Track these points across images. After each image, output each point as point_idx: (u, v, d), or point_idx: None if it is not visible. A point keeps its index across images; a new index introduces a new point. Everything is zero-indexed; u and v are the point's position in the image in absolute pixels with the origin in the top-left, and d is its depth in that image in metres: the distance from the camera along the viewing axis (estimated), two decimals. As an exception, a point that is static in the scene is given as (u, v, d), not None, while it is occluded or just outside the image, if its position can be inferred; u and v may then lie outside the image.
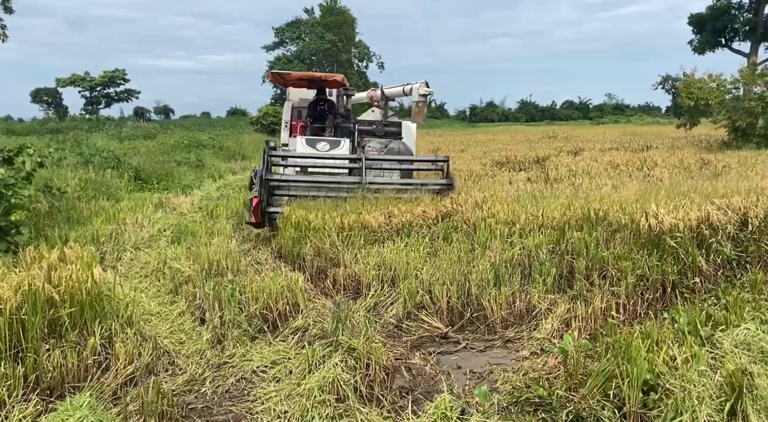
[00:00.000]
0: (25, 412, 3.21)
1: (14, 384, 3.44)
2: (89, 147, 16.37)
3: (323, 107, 10.48)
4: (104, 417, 3.10)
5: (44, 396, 3.53)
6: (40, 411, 3.32)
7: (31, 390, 3.52)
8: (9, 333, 3.64)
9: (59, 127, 34.93)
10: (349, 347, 4.08)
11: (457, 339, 4.93)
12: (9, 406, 3.29)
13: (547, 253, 5.98)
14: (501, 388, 3.92)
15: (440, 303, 5.19)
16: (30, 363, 3.62)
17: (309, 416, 3.44)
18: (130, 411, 3.43)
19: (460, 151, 20.24)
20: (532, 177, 12.20)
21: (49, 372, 3.68)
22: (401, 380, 4.11)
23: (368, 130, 10.11)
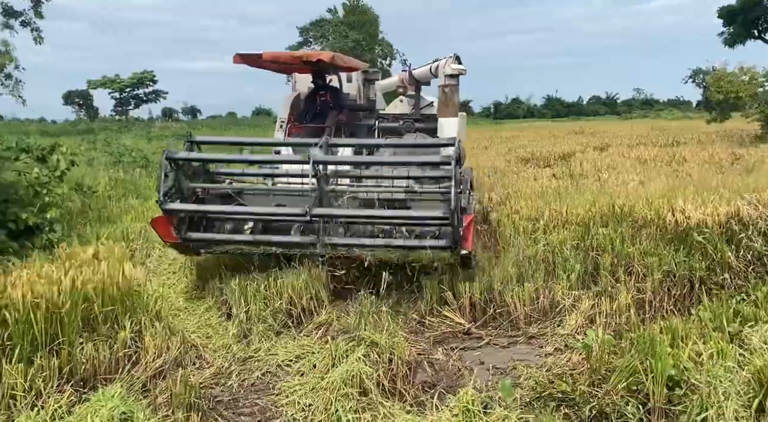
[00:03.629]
0: (60, 402, 3.33)
1: (50, 376, 3.57)
2: (119, 147, 16.75)
3: (324, 98, 7.60)
4: (134, 408, 3.20)
5: (78, 387, 3.65)
6: (74, 402, 3.44)
7: (66, 382, 3.65)
8: (46, 326, 3.78)
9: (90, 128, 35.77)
10: (371, 341, 4.12)
11: (480, 335, 4.94)
12: (45, 396, 3.41)
13: (571, 249, 5.93)
14: (524, 384, 3.93)
15: (463, 300, 5.20)
16: (65, 355, 3.75)
17: (333, 409, 3.49)
18: (159, 402, 3.53)
19: (485, 147, 20.14)
20: (557, 173, 12.07)
21: (83, 364, 3.81)
22: (424, 375, 4.14)
23: (392, 127, 7.65)
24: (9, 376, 3.39)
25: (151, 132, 30.18)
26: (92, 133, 28.38)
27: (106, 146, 16.74)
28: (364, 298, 5.12)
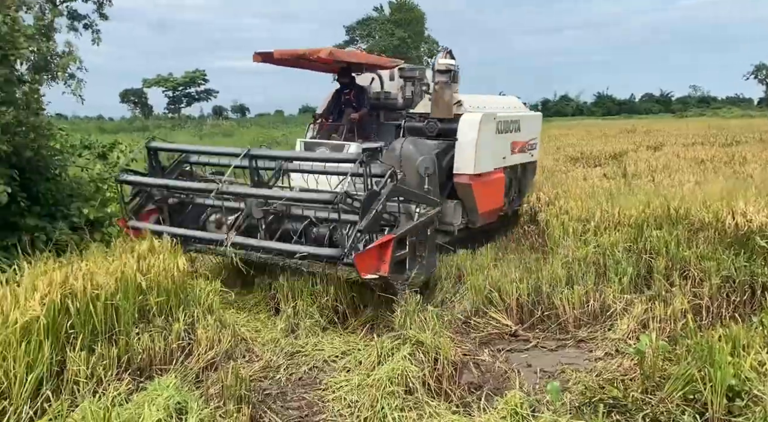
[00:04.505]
0: (119, 389, 3.47)
1: (109, 364, 3.72)
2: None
3: (348, 97, 7.57)
4: (188, 398, 3.30)
5: (135, 376, 3.80)
6: (132, 390, 3.58)
7: (124, 370, 3.80)
8: (105, 316, 3.94)
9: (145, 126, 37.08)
10: (417, 340, 4.13)
11: (527, 338, 4.87)
12: (105, 383, 3.56)
13: (623, 252, 5.78)
14: (573, 388, 3.85)
15: (509, 301, 5.14)
16: (122, 345, 3.91)
17: (378, 406, 3.51)
18: (211, 393, 3.63)
19: (532, 146, 19.77)
20: (608, 173, 11.76)
21: (139, 354, 3.95)
22: (469, 375, 4.12)
23: (417, 127, 7.22)
24: (72, 363, 3.56)
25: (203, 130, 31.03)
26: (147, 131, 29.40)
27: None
28: (409, 297, 5.13)
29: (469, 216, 6.89)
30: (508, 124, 7.45)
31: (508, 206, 7.85)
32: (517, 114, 7.93)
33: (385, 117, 7.93)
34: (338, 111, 7.52)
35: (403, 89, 7.84)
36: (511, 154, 7.61)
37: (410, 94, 7.81)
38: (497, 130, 7.13)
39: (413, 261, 5.08)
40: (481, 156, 6.69)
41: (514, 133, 7.62)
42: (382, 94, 7.89)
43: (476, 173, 6.67)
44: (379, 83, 7.90)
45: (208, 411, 3.23)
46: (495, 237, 7.63)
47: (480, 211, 6.86)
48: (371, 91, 7.90)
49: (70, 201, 5.96)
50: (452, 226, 6.66)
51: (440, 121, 6.96)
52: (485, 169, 6.88)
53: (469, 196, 6.72)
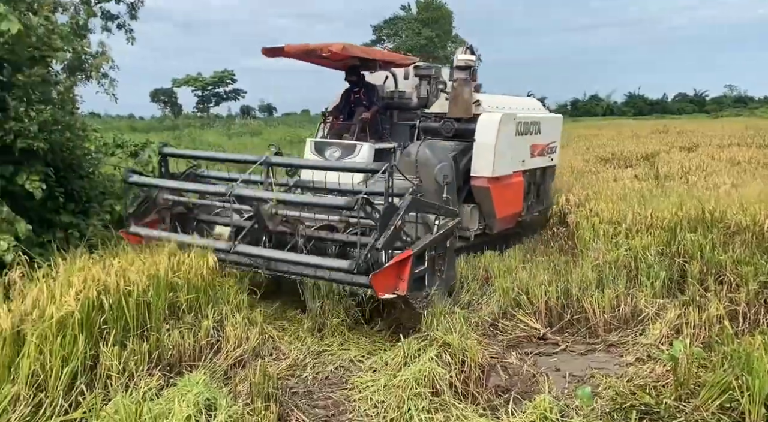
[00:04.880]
0: (150, 385, 3.52)
1: (141, 360, 3.79)
2: (202, 143, 17.54)
3: (358, 95, 7.23)
4: (217, 395, 3.34)
5: (165, 372, 3.85)
6: (163, 385, 3.63)
7: (155, 366, 3.86)
8: (136, 313, 4.01)
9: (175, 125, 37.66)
10: (444, 342, 4.10)
11: (555, 341, 4.80)
12: (137, 378, 3.62)
13: (656, 255, 5.66)
14: (603, 393, 3.78)
15: (538, 303, 5.07)
16: (153, 341, 3.97)
17: (405, 407, 3.50)
18: (240, 391, 3.66)
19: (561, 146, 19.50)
20: (639, 174, 11.54)
21: (169, 350, 4.01)
22: (497, 378, 4.08)
23: (433, 127, 6.90)
24: (105, 358, 3.63)
25: (231, 129, 31.41)
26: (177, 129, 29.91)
27: (190, 142, 17.56)
28: (436, 297, 5.11)
29: (486, 222, 6.67)
30: (528, 126, 7.19)
31: (527, 212, 7.61)
32: (537, 115, 7.66)
33: (399, 117, 7.65)
34: (348, 110, 7.25)
35: (417, 88, 7.56)
36: (531, 157, 7.35)
37: (425, 93, 7.52)
38: (517, 131, 6.86)
39: (433, 276, 4.85)
40: (500, 158, 6.43)
41: (534, 135, 7.36)
42: (396, 93, 7.62)
43: (494, 176, 6.42)
44: (393, 81, 7.62)
45: (237, 408, 3.26)
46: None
47: (498, 215, 6.64)
48: (385, 90, 7.65)
49: (102, 198, 6.08)
50: (468, 232, 6.42)
51: (457, 121, 6.66)
52: (504, 172, 6.62)
53: (486, 200, 6.49)
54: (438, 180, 5.72)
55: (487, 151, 6.37)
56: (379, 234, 4.36)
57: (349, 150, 6.41)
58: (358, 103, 7.17)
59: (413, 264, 4.44)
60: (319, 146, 6.60)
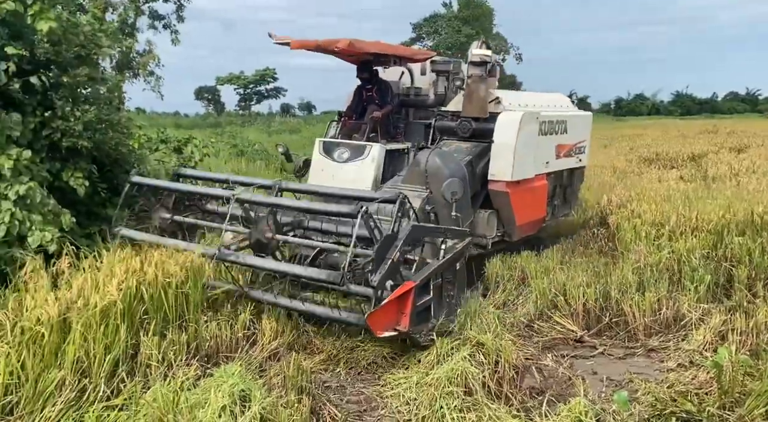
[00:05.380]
0: (188, 374, 3.61)
1: (179, 350, 3.88)
2: (242, 140, 17.87)
3: (370, 93, 6.88)
4: (252, 386, 3.39)
5: (203, 362, 3.94)
6: (200, 375, 3.72)
7: (193, 356, 3.95)
8: (175, 304, 4.12)
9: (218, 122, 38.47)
10: (477, 342, 4.07)
11: (593, 344, 4.70)
12: (175, 368, 3.72)
13: (700, 259, 5.48)
14: (642, 399, 3.68)
15: (575, 305, 4.97)
16: (191, 332, 4.07)
17: (437, 406, 3.48)
18: (274, 383, 3.72)
19: (603, 146, 19.08)
20: (685, 175, 11.20)
21: (207, 341, 4.11)
22: (531, 380, 4.02)
23: (449, 127, 6.44)
24: (146, 347, 3.74)
25: (271, 126, 31.87)
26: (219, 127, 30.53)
27: (231, 139, 17.92)
28: (471, 297, 5.07)
29: (505, 228, 6.20)
30: (552, 125, 6.64)
31: (551, 217, 7.16)
32: (563, 113, 7.12)
33: (415, 115, 7.23)
34: (361, 109, 6.85)
35: (435, 84, 7.04)
36: (556, 158, 6.85)
37: (443, 90, 7.00)
38: (540, 131, 6.37)
39: (440, 305, 4.45)
40: (520, 160, 5.93)
41: (560, 134, 6.82)
42: (412, 89, 7.22)
43: (514, 180, 5.94)
44: (409, 78, 7.20)
45: (270, 400, 3.30)
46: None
47: (518, 222, 6.16)
48: (401, 87, 7.27)
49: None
50: (485, 239, 5.97)
51: (475, 121, 6.19)
52: (525, 175, 6.13)
53: (505, 205, 6.00)
54: (446, 197, 5.22)
55: (507, 152, 5.91)
56: (375, 268, 3.96)
57: (359, 151, 6.06)
58: (370, 101, 6.81)
59: (416, 296, 4.06)
60: (327, 146, 6.29)
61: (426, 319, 4.29)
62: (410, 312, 3.98)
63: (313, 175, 6.25)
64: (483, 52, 6.15)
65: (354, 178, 5.82)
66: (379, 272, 3.95)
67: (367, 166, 5.94)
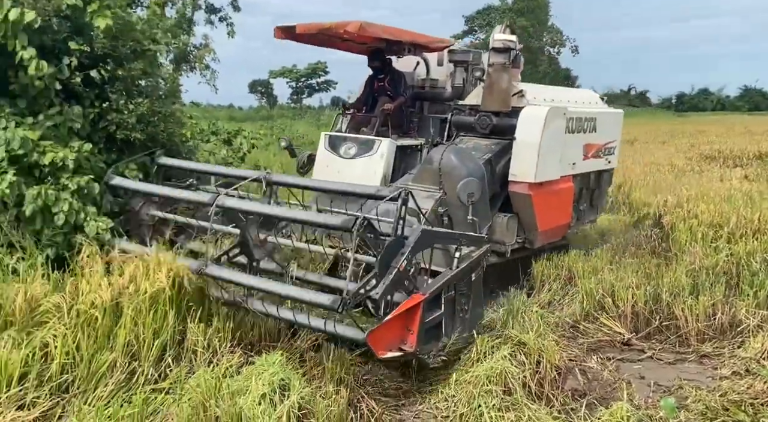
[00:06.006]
0: (231, 361, 3.71)
1: (224, 337, 3.98)
2: (292, 133, 18.15)
3: (381, 84, 6.42)
4: (291, 376, 3.45)
5: (246, 351, 4.02)
6: (243, 363, 3.81)
7: (237, 344, 4.05)
8: (220, 293, 4.23)
9: (270, 115, 39.18)
10: (519, 341, 4.00)
11: (641, 348, 4.55)
12: (219, 355, 3.83)
13: (761, 263, 5.20)
14: (692, 406, 3.54)
15: (624, 307, 4.82)
16: (236, 320, 4.17)
17: (475, 404, 3.45)
18: (313, 373, 3.77)
19: (662, 142, 18.39)
20: (750, 174, 10.65)
21: (251, 330, 4.20)
22: (574, 382, 3.93)
23: (467, 122, 5.95)
24: (192, 334, 3.85)
25: (321, 120, 32.23)
26: (271, 119, 31.11)
27: (281, 132, 18.23)
28: (514, 296, 4.99)
29: (526, 234, 5.69)
30: (581, 122, 6.09)
31: (577, 223, 6.66)
32: (593, 110, 6.53)
33: (430, 109, 6.74)
34: (372, 101, 6.38)
35: (452, 76, 6.49)
36: (584, 159, 6.29)
37: (461, 82, 6.45)
38: (567, 128, 5.80)
39: (453, 320, 3.95)
40: (544, 160, 5.39)
41: (589, 133, 6.28)
42: (428, 81, 6.71)
43: (537, 181, 5.40)
44: (425, 68, 6.69)
45: (309, 390, 3.35)
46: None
47: (540, 228, 5.65)
48: (416, 78, 6.78)
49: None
50: (504, 246, 5.43)
51: (495, 115, 5.65)
52: (549, 177, 5.59)
53: (527, 209, 5.48)
54: (461, 199, 4.77)
55: (530, 151, 5.35)
56: (378, 279, 3.48)
57: (367, 146, 5.64)
58: (381, 93, 6.32)
59: (425, 310, 3.58)
60: (333, 141, 5.90)
61: (436, 337, 3.83)
62: (418, 329, 3.52)
63: (318, 171, 5.89)
64: (507, 37, 5.51)
65: (361, 175, 5.43)
66: (383, 283, 3.46)
67: (375, 162, 5.53)
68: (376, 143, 5.62)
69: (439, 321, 3.81)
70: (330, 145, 5.89)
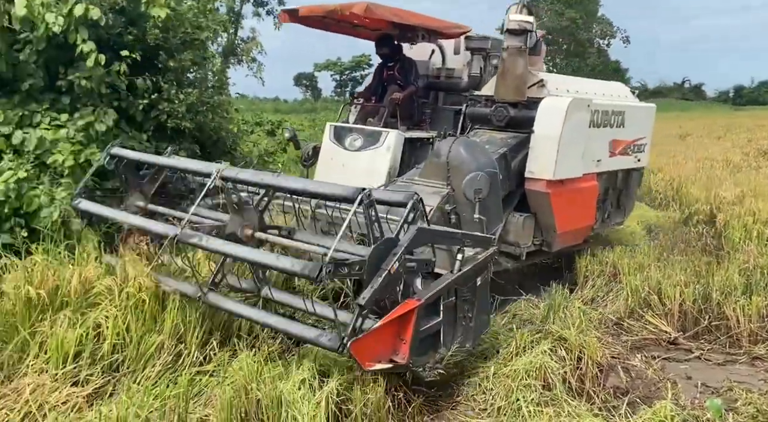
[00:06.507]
0: (272, 347, 3.75)
1: (266, 323, 4.06)
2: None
3: (391, 72, 6.05)
4: (331, 363, 3.50)
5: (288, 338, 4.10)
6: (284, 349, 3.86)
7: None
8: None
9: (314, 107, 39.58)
10: (560, 336, 3.94)
11: (688, 347, 4.42)
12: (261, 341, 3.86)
13: (822, 263, 4.95)
14: (741, 409, 3.42)
15: (671, 305, 4.68)
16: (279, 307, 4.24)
17: (513, 397, 3.42)
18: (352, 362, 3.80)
19: (717, 137, 17.69)
20: (812, 171, 10.12)
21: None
22: (616, 379, 3.85)
23: (482, 114, 5.53)
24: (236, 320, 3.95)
25: (362, 112, 32.35)
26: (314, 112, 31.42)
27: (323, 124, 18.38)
28: (556, 291, 4.91)
29: (543, 236, 5.28)
30: (607, 116, 5.62)
31: (601, 225, 6.16)
32: (621, 103, 6.07)
33: (445, 100, 6.38)
34: (382, 90, 6.02)
35: (469, 65, 6.08)
36: (610, 156, 5.83)
37: (478, 71, 6.05)
38: (592, 121, 5.36)
39: (453, 329, 3.59)
40: (565, 155, 4.98)
41: (616, 128, 5.80)
42: (443, 70, 6.32)
43: (557, 179, 5.00)
44: (440, 57, 6.30)
45: (347, 378, 3.39)
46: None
47: (559, 229, 5.21)
48: (430, 67, 6.41)
49: (241, 172, 6.62)
50: (519, 248, 5.06)
51: (513, 107, 5.22)
52: (570, 174, 5.17)
53: (545, 209, 5.08)
54: (467, 195, 4.40)
55: (549, 145, 4.94)
56: (366, 282, 3.06)
57: (373, 138, 5.29)
58: (391, 82, 5.95)
59: (420, 318, 3.23)
60: (338, 132, 5.55)
61: (433, 348, 3.48)
62: (412, 338, 3.15)
63: (322, 164, 5.55)
64: (523, 17, 5.00)
65: (366, 169, 5.09)
66: (371, 286, 3.02)
67: (381, 155, 5.18)
68: (383, 135, 5.28)
69: (437, 329, 3.46)
70: (335, 136, 5.56)
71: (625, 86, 6.77)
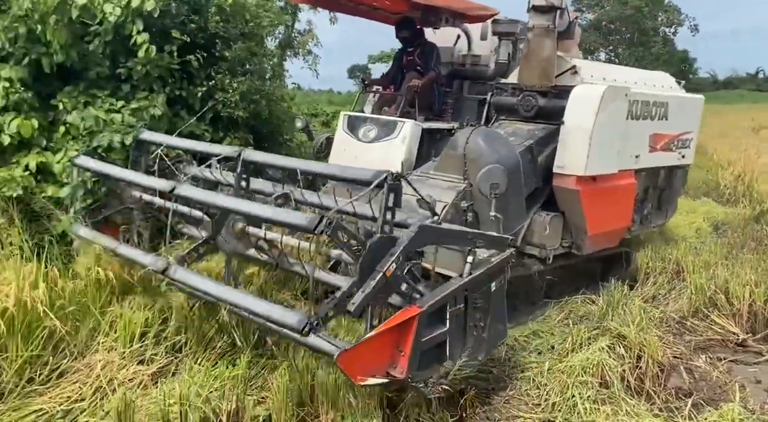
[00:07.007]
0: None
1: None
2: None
3: (411, 58, 5.63)
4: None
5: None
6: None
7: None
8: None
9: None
10: (619, 334, 3.84)
11: (758, 350, 4.22)
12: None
13: None
14: (814, 417, 3.23)
15: (739, 305, 4.46)
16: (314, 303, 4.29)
17: (569, 394, 3.36)
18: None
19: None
20: None
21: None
22: (678, 380, 3.72)
23: (509, 103, 5.11)
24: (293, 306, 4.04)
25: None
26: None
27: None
28: (614, 288, 4.76)
29: (573, 238, 4.81)
30: (648, 107, 5.08)
31: (639, 227, 5.59)
32: (664, 94, 5.46)
33: (470, 89, 5.87)
34: (401, 77, 5.61)
35: (496, 51, 5.61)
36: (650, 151, 5.29)
37: (505, 58, 5.52)
38: (630, 113, 4.85)
39: (462, 339, 3.17)
40: (598, 149, 4.51)
41: (658, 121, 5.26)
42: (469, 57, 5.88)
43: (589, 175, 4.54)
44: (466, 42, 5.88)
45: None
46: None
47: (590, 231, 4.73)
48: (456, 54, 5.96)
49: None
50: (545, 250, 4.61)
51: (542, 96, 4.78)
52: (604, 170, 4.70)
53: (574, 207, 4.63)
54: (482, 190, 4.02)
55: (580, 137, 4.48)
56: (358, 284, 2.74)
57: (388, 128, 4.92)
58: (410, 68, 5.54)
59: (422, 327, 2.84)
60: (352, 122, 5.18)
61: (438, 360, 3.07)
62: (411, 350, 2.77)
63: (335, 155, 5.22)
64: None
65: (379, 161, 4.60)
66: (362, 291, 2.69)
67: (395, 147, 4.80)
68: (399, 125, 4.88)
69: (442, 340, 3.05)
70: (348, 126, 5.19)
71: (670, 77, 6.20)
